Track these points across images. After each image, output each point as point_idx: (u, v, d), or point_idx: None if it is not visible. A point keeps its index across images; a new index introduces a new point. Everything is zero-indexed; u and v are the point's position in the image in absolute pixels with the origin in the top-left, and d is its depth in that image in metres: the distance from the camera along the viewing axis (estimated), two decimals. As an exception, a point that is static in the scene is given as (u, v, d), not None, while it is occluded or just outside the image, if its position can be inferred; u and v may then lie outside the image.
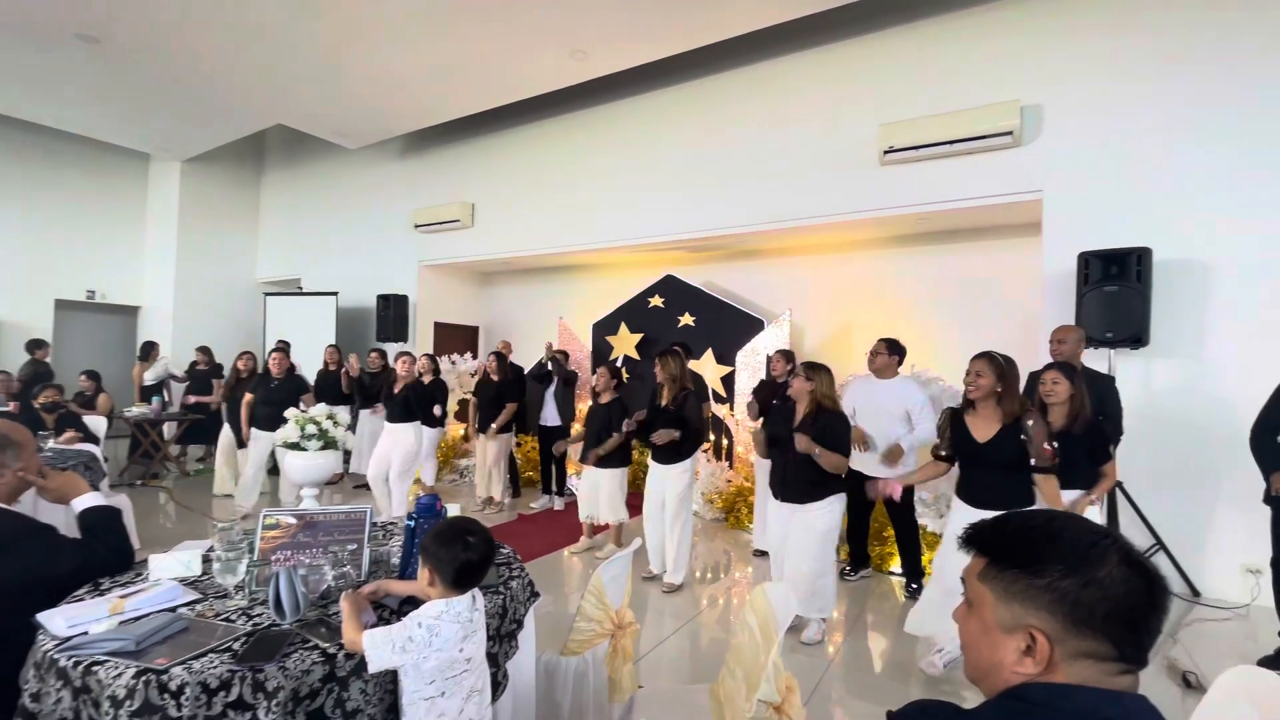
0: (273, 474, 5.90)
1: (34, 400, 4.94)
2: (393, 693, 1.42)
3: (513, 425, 5.92)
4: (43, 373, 6.50)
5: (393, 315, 7.66)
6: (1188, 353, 4.04)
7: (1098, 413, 3.06)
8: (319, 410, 2.24)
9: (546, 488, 6.04)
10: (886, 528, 4.27)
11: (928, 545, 4.25)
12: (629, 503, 4.46)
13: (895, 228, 5.61)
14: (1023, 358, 4.02)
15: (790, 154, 5.61)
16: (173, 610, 1.59)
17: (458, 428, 7.43)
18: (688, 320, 6.54)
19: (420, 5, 4.81)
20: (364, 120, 7.03)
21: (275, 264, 9.80)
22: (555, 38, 5.24)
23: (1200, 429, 3.94)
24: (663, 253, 6.89)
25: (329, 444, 2.17)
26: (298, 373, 5.90)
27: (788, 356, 4.72)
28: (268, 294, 8.74)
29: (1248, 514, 3.53)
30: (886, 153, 4.92)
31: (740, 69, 5.98)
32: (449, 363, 7.56)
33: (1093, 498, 2.82)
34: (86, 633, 1.43)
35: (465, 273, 8.68)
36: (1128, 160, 4.26)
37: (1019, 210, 4.81)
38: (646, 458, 4.23)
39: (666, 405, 3.99)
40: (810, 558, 3.11)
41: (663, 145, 6.37)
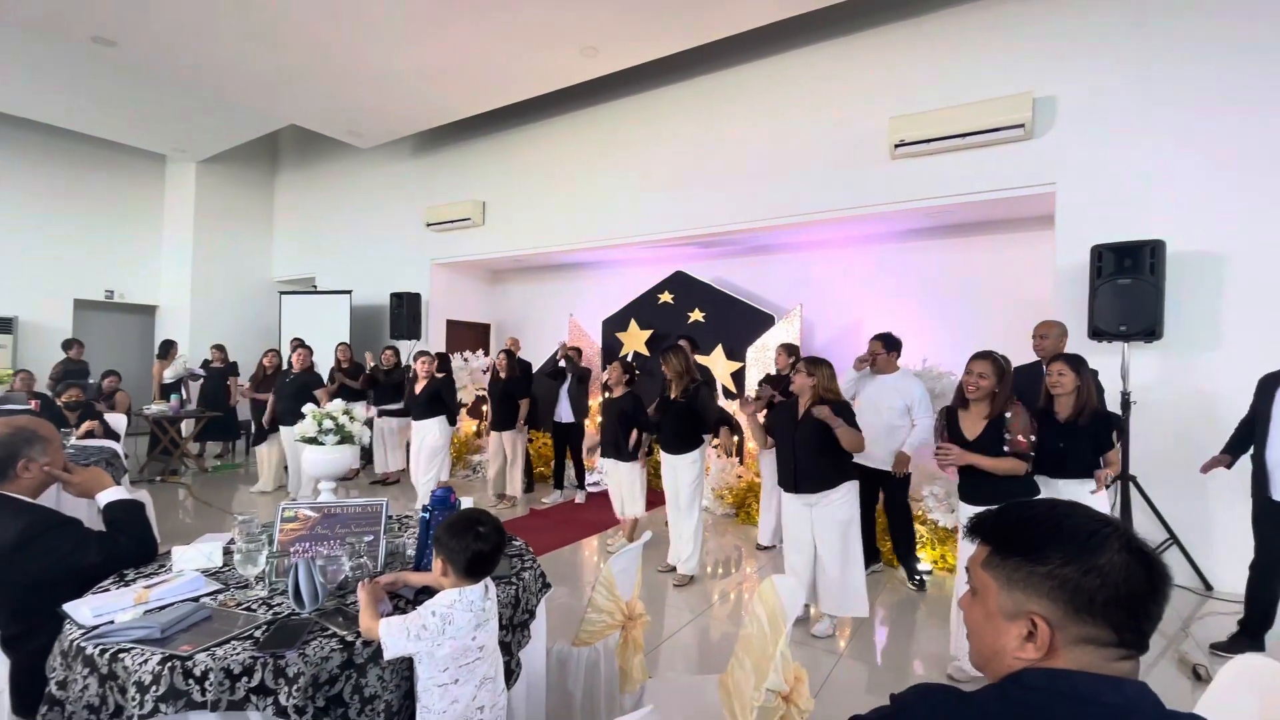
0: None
1: (57, 398, 5.05)
2: (409, 679, 1.46)
3: (524, 421, 5.97)
4: (72, 370, 6.62)
5: (406, 313, 7.73)
6: (1202, 346, 3.99)
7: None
8: (336, 406, 2.29)
9: (559, 482, 6.11)
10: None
11: (938, 540, 4.25)
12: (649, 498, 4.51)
13: (906, 222, 5.58)
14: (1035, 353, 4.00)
15: (800, 148, 5.60)
16: (196, 600, 1.63)
17: (470, 424, 7.50)
18: (698, 316, 6.55)
19: (431, 4, 4.84)
20: (376, 120, 7.09)
21: (290, 263, 9.91)
22: (565, 35, 5.26)
23: (1214, 423, 3.88)
24: (673, 249, 6.90)
25: (346, 439, 2.21)
26: (315, 370, 6.06)
27: (790, 350, 4.74)
28: (283, 293, 8.85)
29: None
30: (897, 146, 4.89)
31: (750, 64, 5.96)
32: (461, 360, 7.63)
33: (1094, 489, 2.80)
34: (112, 622, 1.47)
35: (477, 271, 8.74)
36: (1141, 152, 4.21)
37: (1031, 203, 4.77)
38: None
39: (677, 398, 4.02)
40: (834, 553, 3.11)
41: (672, 141, 6.37)
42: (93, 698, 1.36)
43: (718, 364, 6.31)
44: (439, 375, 5.49)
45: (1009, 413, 2.67)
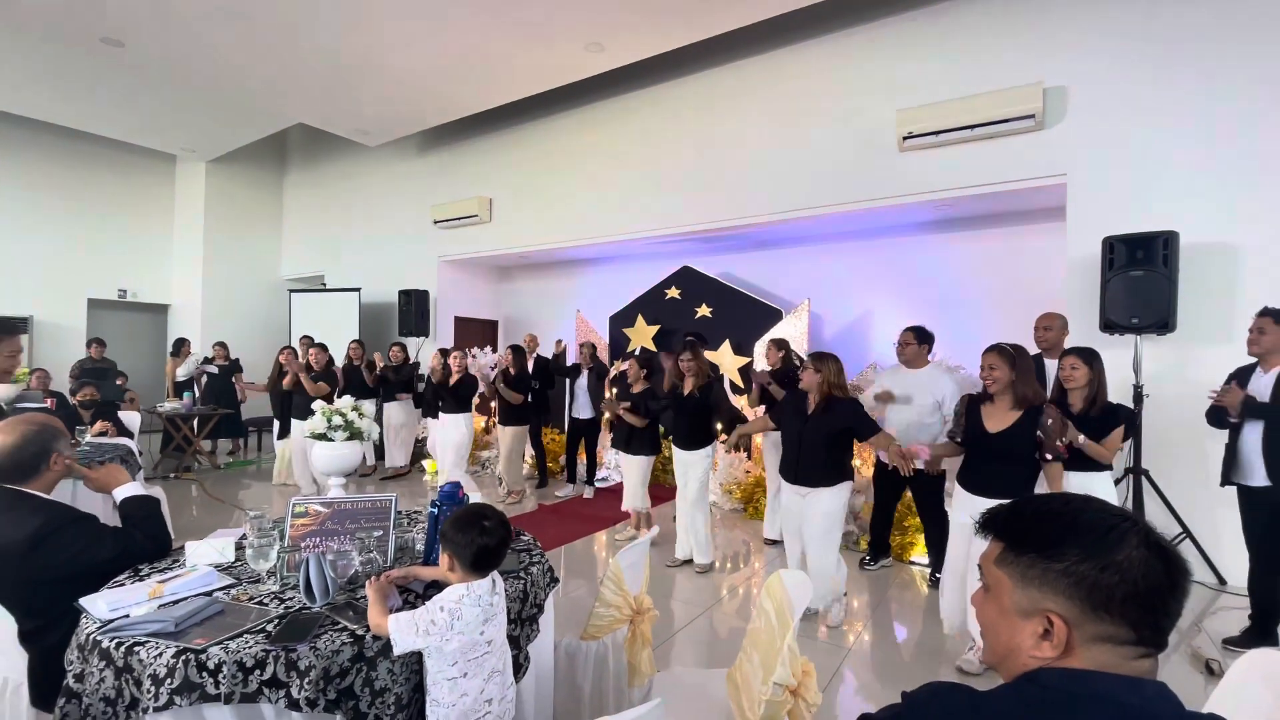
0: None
1: (71, 397, 5.12)
2: (418, 672, 1.47)
3: (530, 417, 6.01)
4: (88, 370, 6.69)
5: (414, 310, 7.77)
6: (1216, 338, 3.94)
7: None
8: (345, 402, 2.30)
9: (571, 476, 6.14)
10: (907, 518, 4.25)
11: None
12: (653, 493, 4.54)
13: (915, 214, 5.54)
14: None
15: (808, 142, 5.56)
16: (209, 594, 1.65)
17: (479, 420, 7.53)
18: (705, 311, 6.53)
19: (437, 2, 4.84)
20: (383, 118, 7.12)
21: (299, 261, 9.98)
22: (571, 30, 5.24)
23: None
24: (680, 243, 6.89)
25: (354, 434, 2.23)
26: (333, 368, 6.18)
27: (780, 344, 4.74)
28: (292, 290, 8.91)
29: (1279, 502, 3.44)
30: (905, 139, 4.85)
31: (756, 57, 5.92)
32: (470, 357, 7.66)
33: (1083, 439, 2.77)
34: (128, 615, 1.50)
35: (484, 267, 8.76)
36: (1154, 142, 4.16)
37: (1042, 195, 4.72)
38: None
39: (691, 394, 4.03)
40: (814, 541, 3.18)
41: (678, 136, 6.35)
42: (109, 690, 1.38)
43: (725, 359, 6.30)
44: (438, 375, 5.57)
45: (1049, 419, 2.63)
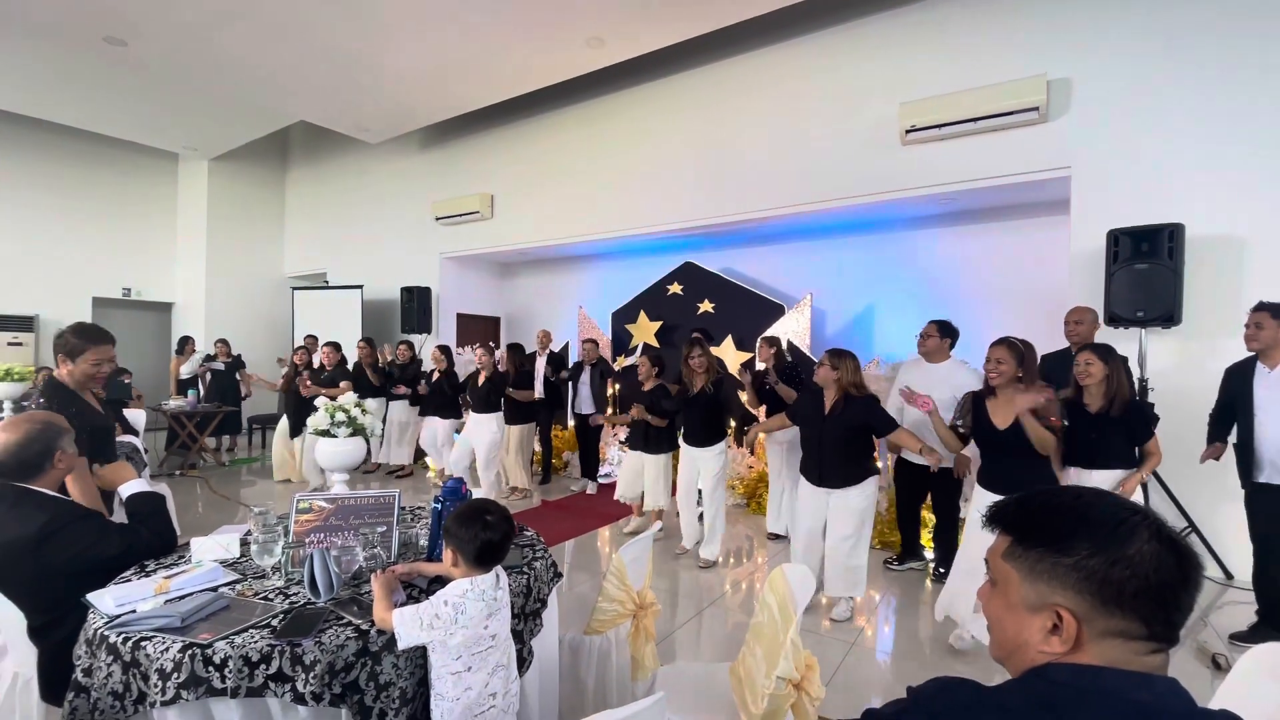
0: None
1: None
2: (423, 667, 1.48)
3: (536, 414, 6.01)
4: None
5: (416, 307, 7.78)
6: (1222, 331, 3.92)
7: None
8: (348, 399, 2.31)
9: (585, 471, 6.21)
10: (915, 512, 4.22)
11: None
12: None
13: (918, 208, 5.51)
14: (1050, 339, 3.96)
15: (810, 136, 5.54)
16: (214, 590, 1.66)
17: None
18: (707, 307, 6.53)
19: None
20: (383, 114, 7.11)
21: (301, 258, 9.99)
22: (571, 26, 5.23)
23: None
24: (682, 239, 6.87)
25: (357, 431, 2.24)
26: (345, 366, 6.27)
27: (771, 342, 4.75)
28: (295, 288, 8.93)
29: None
30: (908, 132, 4.83)
31: (758, 51, 5.90)
32: (471, 353, 7.67)
33: (1142, 476, 2.78)
34: (134, 611, 1.51)
35: (486, 264, 8.76)
36: (1159, 134, 4.13)
37: (1046, 188, 4.70)
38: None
39: (702, 390, 4.04)
40: (844, 537, 3.16)
41: (680, 131, 6.33)
42: (117, 684, 1.39)
43: (728, 354, 6.30)
44: (437, 373, 5.56)
45: (1044, 398, 2.66)
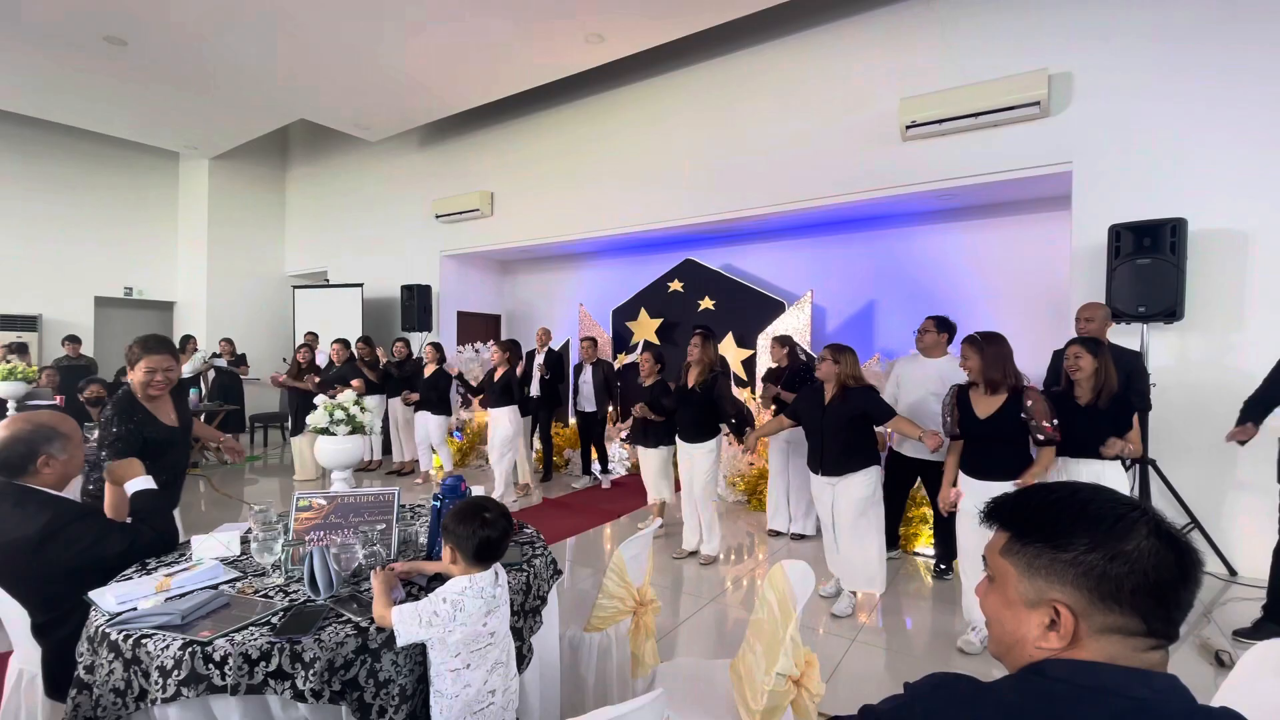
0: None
1: (80, 394, 5.16)
2: (422, 664, 1.48)
3: (531, 411, 6.03)
4: (64, 368, 6.64)
5: (417, 305, 7.78)
6: (1225, 326, 3.91)
7: (1126, 387, 3.03)
8: (347, 397, 2.31)
9: (586, 468, 6.20)
10: (910, 509, 4.25)
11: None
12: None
13: (918, 204, 5.50)
14: (1052, 334, 3.96)
15: (809, 132, 5.52)
16: (215, 587, 1.67)
17: (483, 414, 7.55)
18: (707, 304, 6.52)
19: (435, -5, 4.83)
20: (383, 113, 7.11)
21: (302, 257, 10.00)
22: (571, 22, 5.21)
23: (1237, 405, 3.78)
24: (682, 236, 6.86)
25: (356, 429, 2.24)
26: (354, 363, 6.31)
27: (784, 342, 4.73)
28: (296, 287, 8.94)
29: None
30: (908, 128, 4.81)
31: (757, 46, 5.88)
32: (473, 351, 7.68)
33: (1112, 452, 2.80)
34: (136, 608, 1.51)
35: (486, 262, 8.76)
36: (1162, 128, 4.11)
37: (1047, 183, 4.68)
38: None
39: (695, 387, 4.03)
40: (849, 526, 3.24)
41: (680, 127, 6.32)
42: (118, 681, 1.39)
43: (728, 352, 6.30)
44: (430, 369, 5.58)
45: (1029, 400, 2.75)
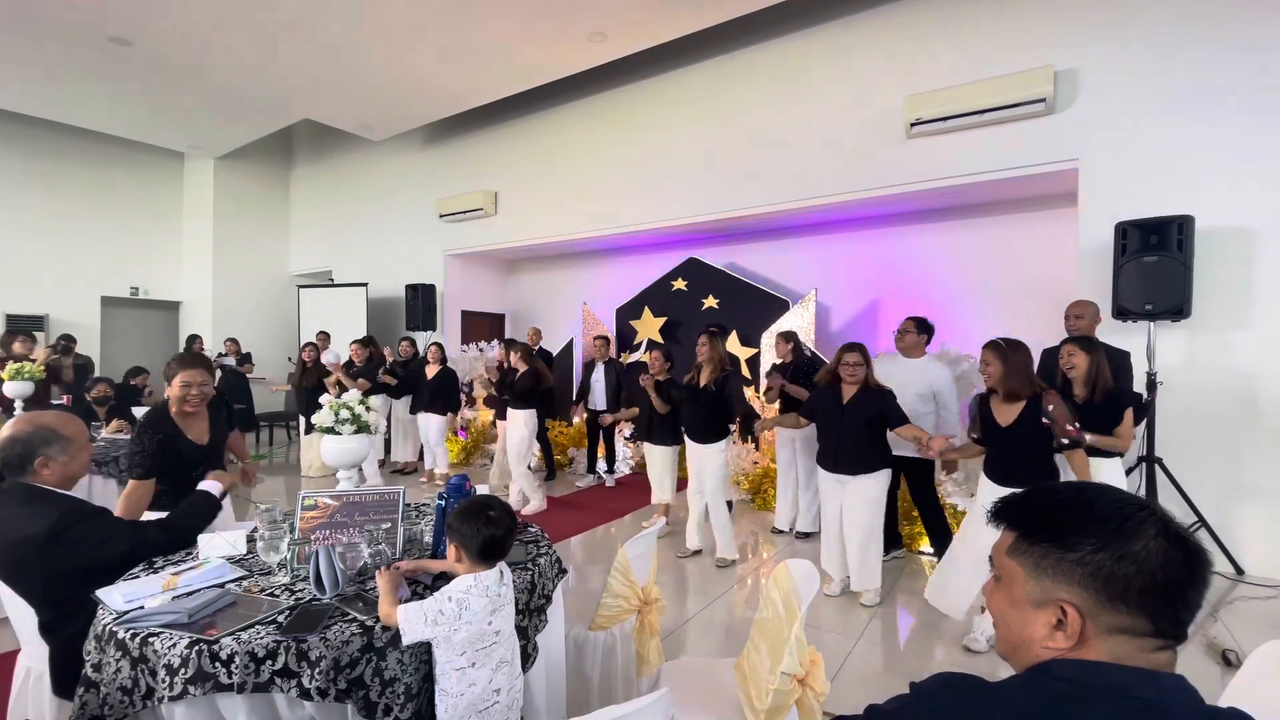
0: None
1: (86, 394, 5.18)
2: (427, 663, 1.48)
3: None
4: (52, 367, 6.61)
5: (421, 304, 7.80)
6: (1233, 324, 3.88)
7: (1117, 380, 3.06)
8: (352, 396, 2.32)
9: (591, 466, 6.23)
10: (915, 508, 4.24)
11: (958, 523, 4.20)
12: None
13: (923, 202, 5.48)
14: (1058, 333, 3.92)
15: (813, 130, 5.51)
16: (221, 586, 1.67)
17: (487, 413, 7.57)
18: (711, 303, 6.51)
19: (438, -6, 4.83)
20: (387, 112, 7.12)
21: (307, 257, 10.03)
22: (573, 21, 5.21)
23: (1245, 403, 3.80)
24: (686, 235, 6.86)
25: (362, 428, 2.24)
26: (375, 362, 6.37)
27: (789, 337, 4.74)
28: (301, 286, 8.97)
29: (1296, 490, 3.42)
30: (913, 125, 4.79)
31: (760, 44, 5.87)
32: (477, 350, 7.69)
33: (1101, 441, 2.82)
34: (143, 607, 1.52)
35: (490, 261, 8.77)
36: (1169, 124, 4.08)
37: (1053, 180, 4.66)
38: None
39: (707, 386, 4.03)
40: (860, 527, 3.28)
41: (683, 126, 6.31)
42: (125, 680, 1.40)
43: (732, 350, 6.28)
44: (433, 369, 5.59)
45: (1050, 405, 2.70)
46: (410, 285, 7.90)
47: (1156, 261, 3.77)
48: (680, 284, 6.73)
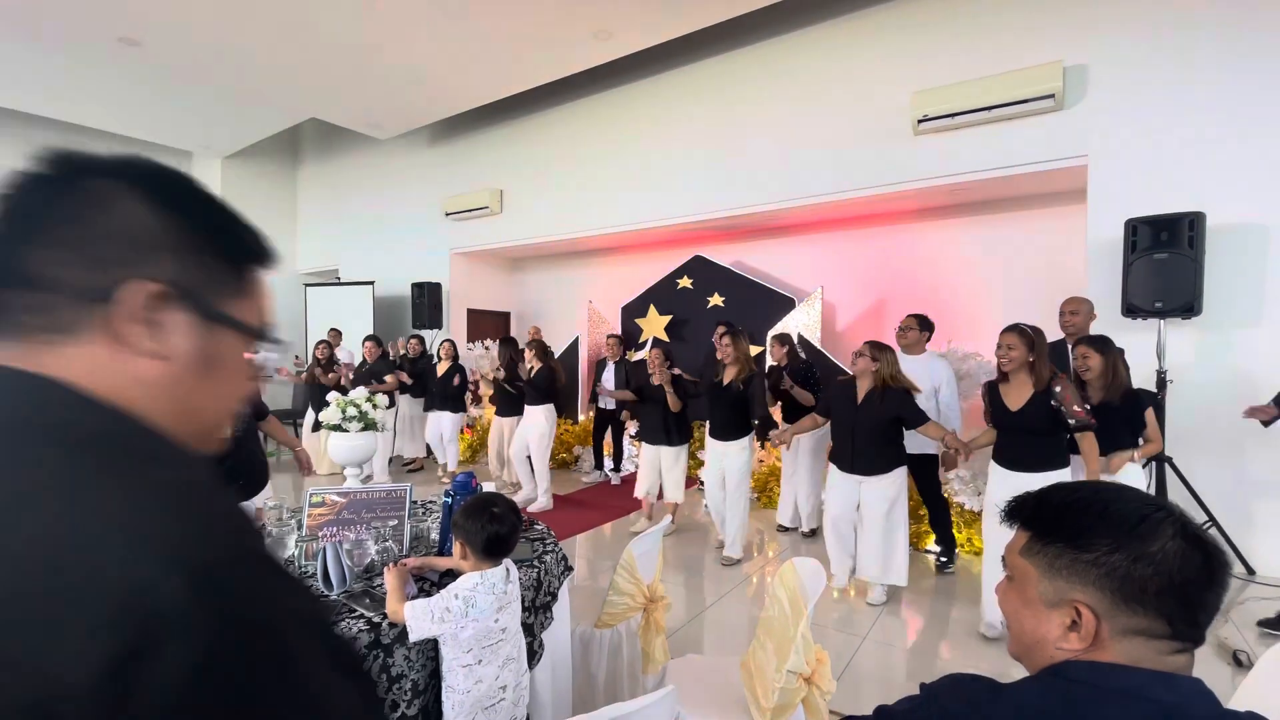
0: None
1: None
2: (434, 659, 1.49)
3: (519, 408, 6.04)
4: None
5: (427, 303, 7.81)
6: (1243, 321, 3.85)
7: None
8: (359, 394, 2.32)
9: (598, 464, 6.24)
10: (921, 506, 4.22)
11: (965, 522, 4.19)
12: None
13: (930, 199, 5.45)
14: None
15: (820, 127, 5.48)
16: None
17: (491, 410, 7.58)
18: (717, 301, 6.50)
19: (444, -8, 4.83)
20: (393, 110, 7.13)
21: (314, 255, 10.07)
22: (577, 18, 5.20)
23: (1255, 400, 3.75)
24: (691, 232, 6.84)
25: (369, 425, 2.25)
26: (388, 359, 6.43)
27: (783, 340, 4.73)
28: (307, 284, 9.00)
29: (1308, 489, 3.38)
30: (920, 122, 4.77)
31: (767, 41, 5.84)
32: (483, 348, 7.70)
33: (1134, 455, 2.85)
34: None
35: (495, 259, 8.78)
36: (1179, 120, 4.04)
37: (1062, 177, 4.62)
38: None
39: (731, 384, 4.02)
40: (877, 522, 3.28)
41: (690, 123, 6.29)
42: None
43: (738, 348, 6.27)
44: (443, 366, 5.59)
45: (1057, 387, 2.73)
46: (416, 283, 7.92)
47: (1167, 258, 3.74)
48: (686, 282, 6.72)
